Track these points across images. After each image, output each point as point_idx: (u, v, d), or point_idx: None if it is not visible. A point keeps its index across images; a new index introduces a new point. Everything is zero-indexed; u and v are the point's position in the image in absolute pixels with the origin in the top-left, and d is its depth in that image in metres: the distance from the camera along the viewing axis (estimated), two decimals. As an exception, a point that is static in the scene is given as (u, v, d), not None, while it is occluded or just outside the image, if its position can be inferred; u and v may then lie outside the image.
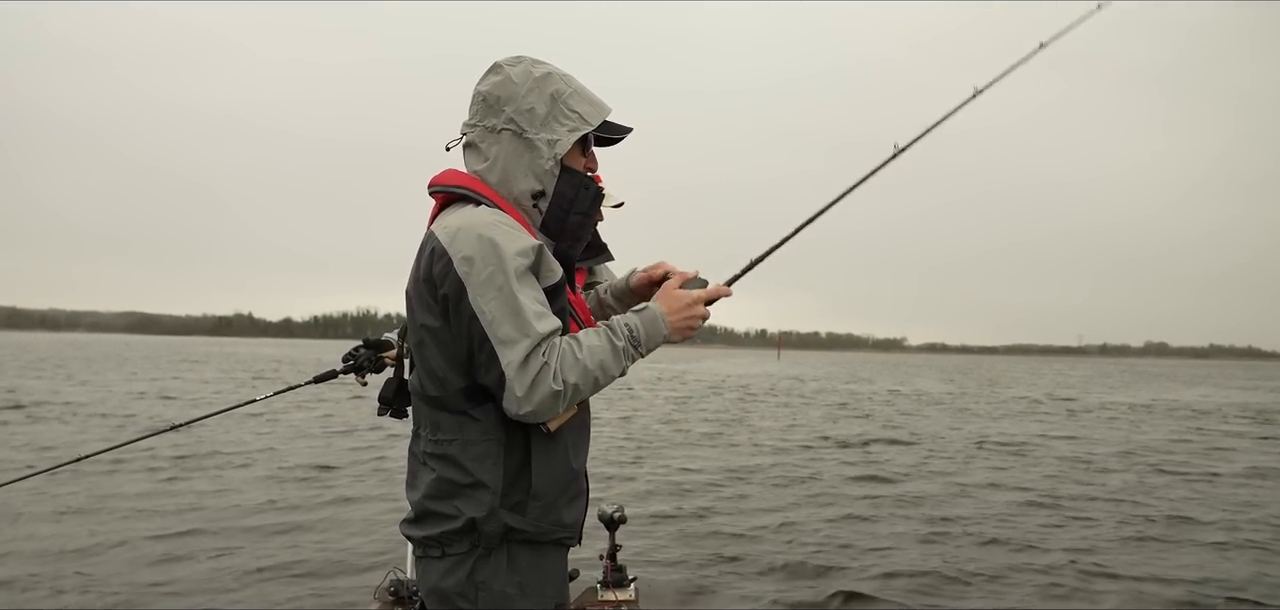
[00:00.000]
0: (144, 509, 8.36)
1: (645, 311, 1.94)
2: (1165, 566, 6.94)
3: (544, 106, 1.93)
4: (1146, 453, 14.62)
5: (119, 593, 5.83)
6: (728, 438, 15.89)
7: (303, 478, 10.40)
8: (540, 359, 1.76)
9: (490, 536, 1.86)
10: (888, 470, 12.01)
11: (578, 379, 1.80)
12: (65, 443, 13.22)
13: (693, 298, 1.99)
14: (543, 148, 1.92)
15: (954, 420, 20.58)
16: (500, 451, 1.87)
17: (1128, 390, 39.65)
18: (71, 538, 7.17)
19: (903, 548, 7.44)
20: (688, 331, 1.97)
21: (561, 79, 1.97)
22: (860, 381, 43.60)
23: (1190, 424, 20.92)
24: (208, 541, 7.16)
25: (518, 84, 1.93)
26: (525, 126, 1.92)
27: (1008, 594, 6.17)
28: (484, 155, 1.95)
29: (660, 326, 1.93)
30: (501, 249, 1.79)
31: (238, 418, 16.62)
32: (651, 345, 1.93)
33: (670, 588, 6.17)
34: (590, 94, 2.00)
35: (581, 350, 1.82)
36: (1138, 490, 10.62)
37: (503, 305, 1.77)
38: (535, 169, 1.93)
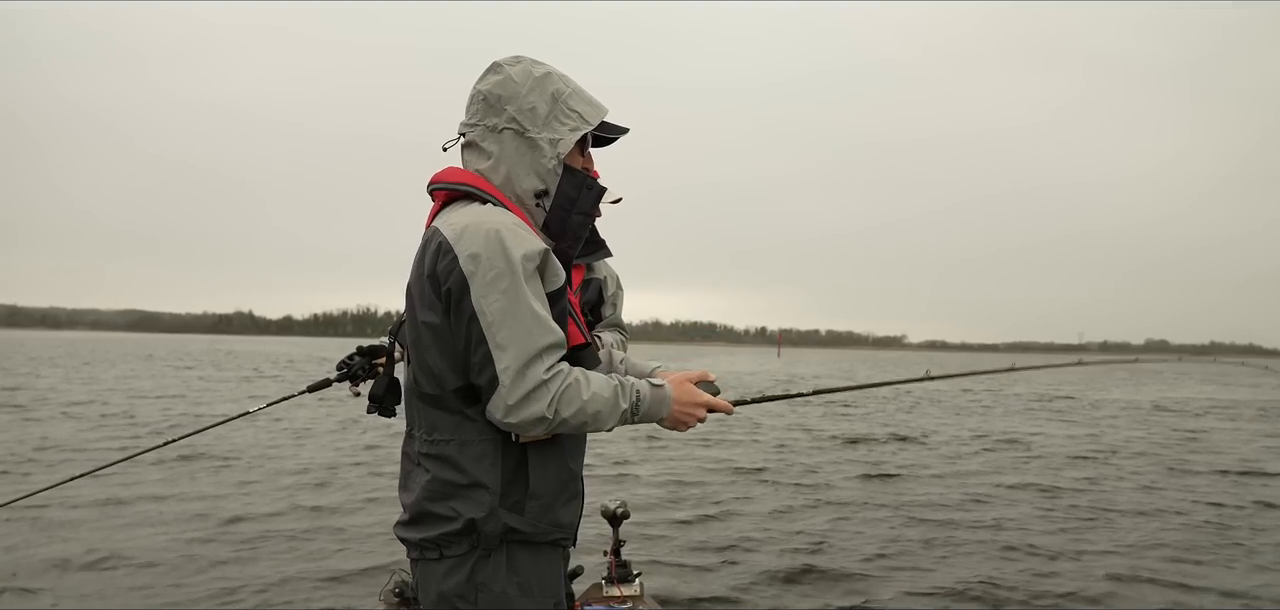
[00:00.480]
0: (139, 514, 8.36)
1: (660, 390, 1.96)
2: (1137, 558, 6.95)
3: (545, 106, 1.92)
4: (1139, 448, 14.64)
5: (113, 599, 5.84)
6: (733, 436, 15.89)
7: (304, 480, 10.40)
8: (540, 374, 1.76)
9: (490, 537, 1.85)
10: (889, 467, 12.01)
11: (571, 415, 1.80)
12: (73, 444, 13.22)
13: (701, 398, 2.03)
14: (545, 147, 1.92)
15: (952, 418, 20.57)
16: (498, 452, 1.86)
17: (1125, 388, 39.65)
18: (67, 546, 7.17)
19: (903, 544, 7.45)
20: (684, 425, 2.02)
21: (560, 79, 1.97)
22: (859, 379, 43.55)
23: (1180, 422, 20.92)
24: (207, 547, 7.16)
25: (519, 83, 1.92)
26: (527, 125, 1.91)
27: (1013, 597, 6.17)
28: (486, 154, 1.94)
29: (663, 409, 1.96)
30: (510, 250, 1.77)
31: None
32: (647, 420, 1.96)
33: (674, 584, 6.18)
34: (588, 94, 2.01)
35: (586, 392, 1.82)
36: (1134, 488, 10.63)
37: (505, 308, 1.75)
38: (538, 168, 1.92)
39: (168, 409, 19.14)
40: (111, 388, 25.15)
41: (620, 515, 4.11)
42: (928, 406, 23.99)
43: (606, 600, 4.06)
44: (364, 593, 5.84)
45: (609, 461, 12.11)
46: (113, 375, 32.06)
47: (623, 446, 13.73)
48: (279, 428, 15.17)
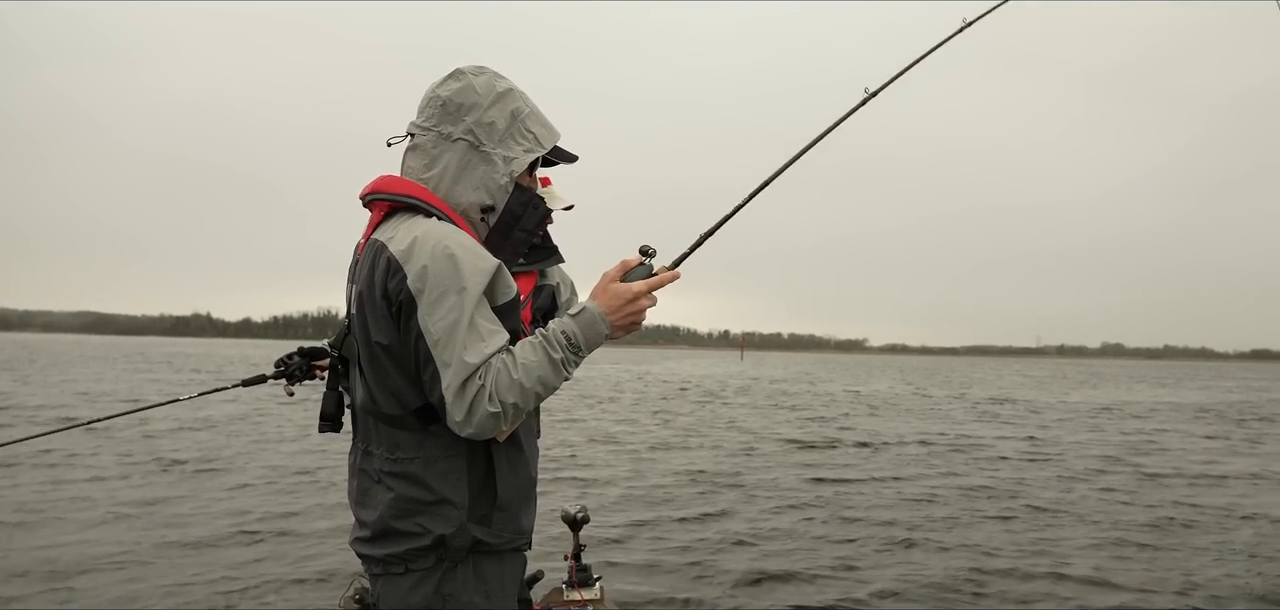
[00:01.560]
0: (70, 515, 8.22)
1: (582, 314, 1.84)
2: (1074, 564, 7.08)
3: (504, 122, 1.91)
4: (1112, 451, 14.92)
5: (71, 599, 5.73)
6: (693, 440, 15.94)
7: (263, 483, 10.28)
8: (477, 382, 1.72)
9: (458, 551, 1.84)
10: (844, 472, 12.13)
11: (516, 398, 1.74)
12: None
13: (634, 291, 1.87)
14: (499, 163, 1.90)
15: (913, 422, 20.81)
16: (464, 466, 1.84)
17: (1084, 391, 40.33)
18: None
19: (863, 547, 7.53)
20: (631, 326, 1.88)
21: (521, 97, 1.95)
22: (820, 382, 43.92)
23: (1139, 423, 21.35)
24: (160, 552, 7.05)
25: (480, 95, 1.90)
26: (483, 140, 1.89)
27: (982, 599, 6.26)
28: (434, 161, 1.90)
29: (600, 327, 1.84)
30: (460, 266, 1.75)
31: (190, 423, 16.40)
32: (592, 347, 1.84)
33: (635, 587, 6.19)
34: (544, 117, 1.99)
35: (517, 368, 1.75)
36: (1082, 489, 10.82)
37: (450, 326, 1.73)
38: (488, 183, 1.90)
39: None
40: (59, 387, 24.65)
41: (581, 519, 4.10)
42: (887, 409, 24.24)
43: (566, 604, 4.06)
44: (320, 598, 5.78)
45: (569, 465, 12.10)
46: (60, 377, 31.43)
47: (583, 450, 13.73)
48: (230, 430, 14.98)
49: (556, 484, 10.30)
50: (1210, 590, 6.35)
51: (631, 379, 41.80)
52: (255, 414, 18.10)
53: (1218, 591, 6.33)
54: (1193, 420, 22.69)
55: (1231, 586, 6.45)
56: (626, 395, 28.67)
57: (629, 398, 27.33)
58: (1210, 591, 6.33)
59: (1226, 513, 9.33)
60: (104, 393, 24.39)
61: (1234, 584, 6.52)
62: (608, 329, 1.84)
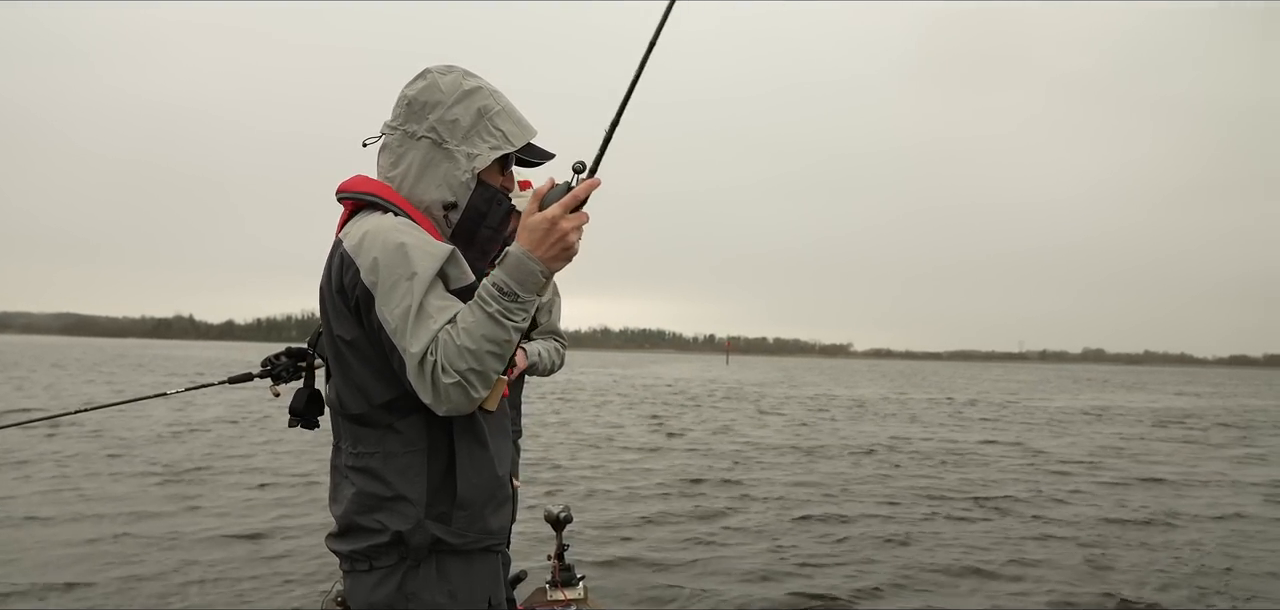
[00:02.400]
0: (60, 513, 8.18)
1: (506, 258, 1.76)
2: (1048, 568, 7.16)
3: (469, 119, 1.91)
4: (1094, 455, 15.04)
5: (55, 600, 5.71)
6: (679, 442, 15.98)
7: (246, 483, 10.25)
8: (430, 360, 1.70)
9: (418, 549, 1.83)
10: (830, 477, 12.19)
11: (469, 363, 1.70)
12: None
13: (551, 217, 1.74)
14: (461, 160, 1.90)
15: (900, 427, 20.91)
16: (423, 462, 1.84)
17: (1067, 395, 40.62)
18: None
19: (853, 547, 7.57)
20: (564, 255, 1.76)
21: (490, 95, 1.95)
22: (806, 386, 44.04)
23: (1119, 428, 21.54)
24: (147, 551, 7.03)
25: (445, 93, 1.91)
26: (446, 137, 1.89)
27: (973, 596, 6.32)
28: (398, 160, 1.93)
29: (527, 264, 1.73)
30: (409, 254, 1.76)
31: (178, 424, 16.31)
32: (529, 288, 1.74)
33: (618, 586, 6.22)
34: (518, 115, 1.98)
35: (459, 334, 1.71)
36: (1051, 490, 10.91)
37: (404, 312, 1.73)
38: (450, 180, 1.90)
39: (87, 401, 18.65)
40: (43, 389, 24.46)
41: (563, 519, 4.13)
42: (868, 416, 24.33)
43: (550, 604, 4.09)
44: (303, 596, 5.78)
45: (549, 465, 12.12)
46: (42, 380, 31.17)
47: (560, 453, 13.74)
48: (216, 432, 14.91)
49: (538, 486, 10.31)
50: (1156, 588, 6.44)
51: (615, 383, 41.78)
52: (245, 417, 18.02)
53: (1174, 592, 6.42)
54: (1154, 426, 22.88)
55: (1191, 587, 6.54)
56: (612, 399, 28.67)
57: (616, 402, 27.33)
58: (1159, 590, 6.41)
59: (1172, 515, 9.44)
60: (88, 397, 24.17)
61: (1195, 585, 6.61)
62: (537, 265, 1.73)
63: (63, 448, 12.55)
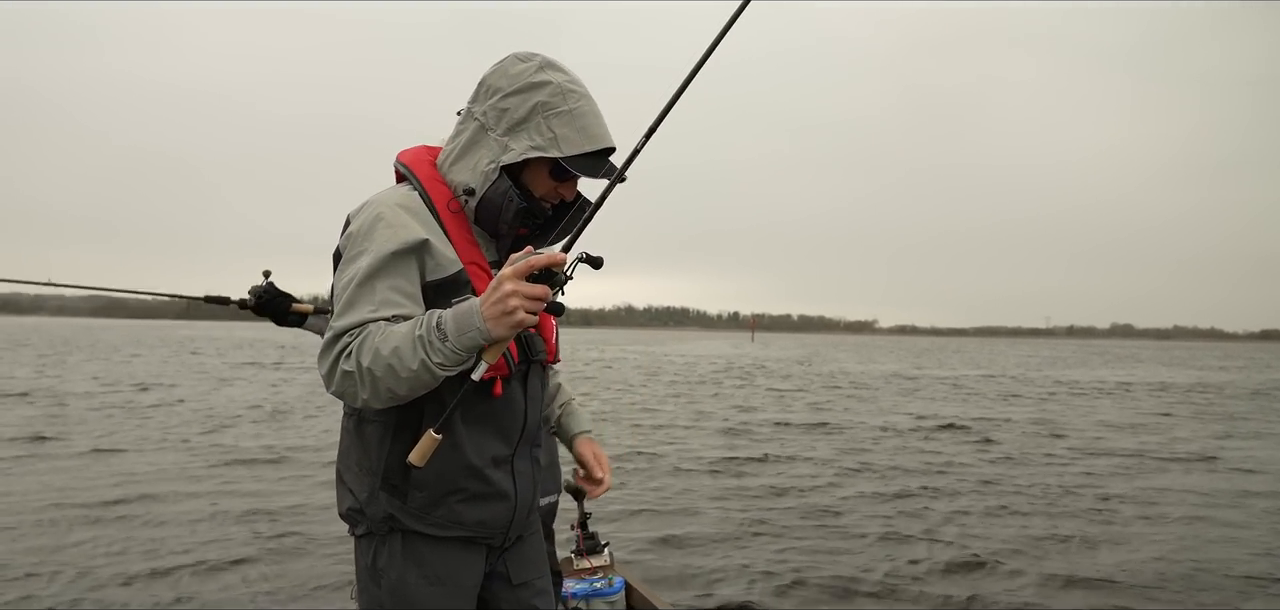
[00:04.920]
0: (85, 491, 8.32)
1: (463, 302, 1.66)
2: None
3: (522, 112, 1.82)
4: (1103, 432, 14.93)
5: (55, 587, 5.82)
6: (705, 420, 16.01)
7: (283, 458, 10.37)
8: (344, 342, 1.68)
9: (374, 520, 1.85)
10: (860, 458, 12.17)
11: (369, 363, 1.63)
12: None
13: (502, 274, 1.60)
14: (494, 149, 1.83)
15: (922, 406, 20.82)
16: (387, 435, 1.83)
17: (1096, 370, 40.25)
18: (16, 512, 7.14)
19: (868, 521, 7.59)
20: (504, 319, 1.59)
21: (560, 93, 1.83)
22: (829, 362, 43.92)
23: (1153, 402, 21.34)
24: (183, 528, 7.15)
25: (508, 80, 1.85)
26: (492, 123, 1.84)
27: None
28: (456, 135, 1.91)
29: (471, 318, 1.61)
30: (378, 232, 1.75)
31: (208, 394, 16.45)
32: (464, 341, 1.61)
33: (644, 555, 6.27)
34: (585, 123, 1.84)
35: (381, 335, 1.65)
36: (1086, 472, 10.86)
37: (345, 286, 1.73)
38: (477, 166, 1.84)
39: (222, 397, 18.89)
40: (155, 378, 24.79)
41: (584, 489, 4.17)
42: (885, 391, 24.21)
43: (577, 573, 4.15)
44: (338, 580, 5.86)
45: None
46: (138, 366, 31.60)
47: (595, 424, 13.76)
48: (255, 403, 15.08)
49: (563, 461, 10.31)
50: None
51: (643, 360, 41.87)
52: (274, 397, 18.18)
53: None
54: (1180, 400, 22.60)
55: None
56: (637, 375, 28.74)
57: (639, 378, 27.40)
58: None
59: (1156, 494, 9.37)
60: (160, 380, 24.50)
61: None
62: (480, 323, 1.60)
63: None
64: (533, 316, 1.60)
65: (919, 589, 5.71)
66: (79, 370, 26.06)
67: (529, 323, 1.60)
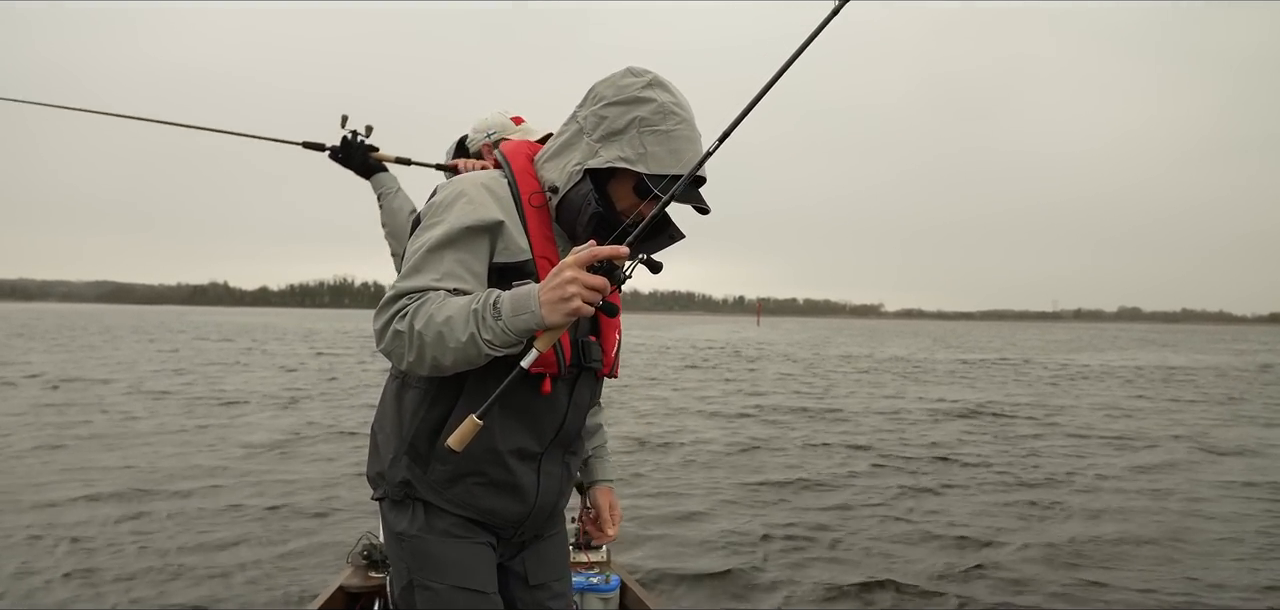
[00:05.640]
0: (96, 462, 8.33)
1: (522, 286, 1.66)
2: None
3: (620, 123, 1.82)
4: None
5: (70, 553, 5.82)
6: (708, 407, 15.98)
7: (282, 439, 10.39)
8: (402, 303, 1.70)
9: (392, 485, 1.89)
10: (858, 440, 12.16)
11: (421, 327, 1.63)
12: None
13: (565, 262, 1.60)
14: (585, 153, 1.84)
15: (922, 388, 20.77)
16: (424, 404, 1.86)
17: (1106, 353, 40.16)
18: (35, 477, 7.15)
19: (862, 514, 7.56)
20: (560, 305, 1.58)
21: (661, 112, 1.82)
22: (836, 346, 43.88)
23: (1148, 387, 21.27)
24: (170, 501, 7.16)
25: (615, 92, 1.85)
26: (589, 128, 1.85)
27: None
28: (559, 133, 1.93)
29: (528, 301, 1.60)
30: (457, 205, 1.79)
31: (210, 370, 16.49)
32: (518, 322, 1.60)
33: (642, 551, 6.25)
34: (678, 146, 1.81)
35: (438, 303, 1.66)
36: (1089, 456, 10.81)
37: (418, 248, 1.76)
38: (566, 166, 1.86)
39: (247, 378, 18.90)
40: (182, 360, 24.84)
41: (585, 482, 4.15)
42: (889, 378, 24.18)
43: (574, 566, 4.12)
44: (332, 553, 5.86)
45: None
46: (155, 351, 31.68)
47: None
48: (263, 379, 15.10)
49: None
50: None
51: (646, 345, 41.86)
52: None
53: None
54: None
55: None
56: (639, 359, 28.74)
57: (641, 362, 27.40)
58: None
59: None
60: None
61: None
62: (536, 307, 1.59)
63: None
64: (589, 307, 1.59)
65: (919, 586, 5.68)
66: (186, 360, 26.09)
67: (586, 312, 1.59)
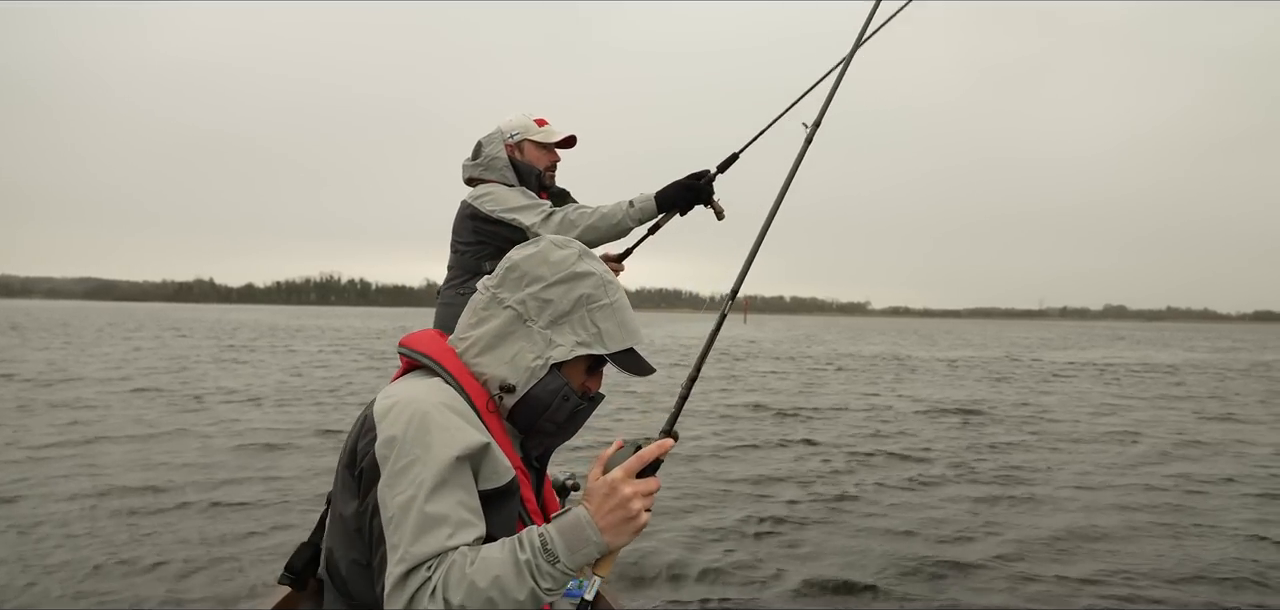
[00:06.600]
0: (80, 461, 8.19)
1: (566, 516, 1.54)
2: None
3: (566, 305, 1.72)
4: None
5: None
6: (693, 408, 15.88)
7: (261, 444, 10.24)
8: (422, 575, 1.45)
9: None
10: (817, 433, 12.10)
11: (462, 599, 1.43)
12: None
13: (613, 480, 1.54)
14: (540, 344, 1.70)
15: (908, 385, 20.77)
16: None
17: (1086, 351, 40.37)
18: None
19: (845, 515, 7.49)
20: (627, 526, 1.53)
21: (602, 286, 1.75)
22: (823, 345, 43.96)
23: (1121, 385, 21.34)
24: (128, 498, 7.02)
25: (550, 269, 1.73)
26: (533, 315, 1.71)
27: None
28: (479, 322, 1.74)
29: (585, 531, 1.51)
30: (432, 436, 1.53)
31: (190, 376, 16.31)
32: (577, 559, 1.50)
33: (626, 556, 6.14)
34: (626, 317, 1.78)
35: (474, 564, 1.46)
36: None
37: (408, 504, 1.48)
38: (519, 361, 1.69)
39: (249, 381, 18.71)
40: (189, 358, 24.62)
41: (569, 486, 4.04)
42: (876, 374, 24.20)
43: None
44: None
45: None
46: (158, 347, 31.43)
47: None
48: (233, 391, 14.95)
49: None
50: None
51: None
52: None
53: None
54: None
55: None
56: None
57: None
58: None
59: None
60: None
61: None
62: (596, 536, 1.51)
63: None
64: (649, 514, 1.55)
65: (896, 587, 5.59)
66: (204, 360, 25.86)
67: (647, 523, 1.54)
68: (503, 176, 3.51)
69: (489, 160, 3.53)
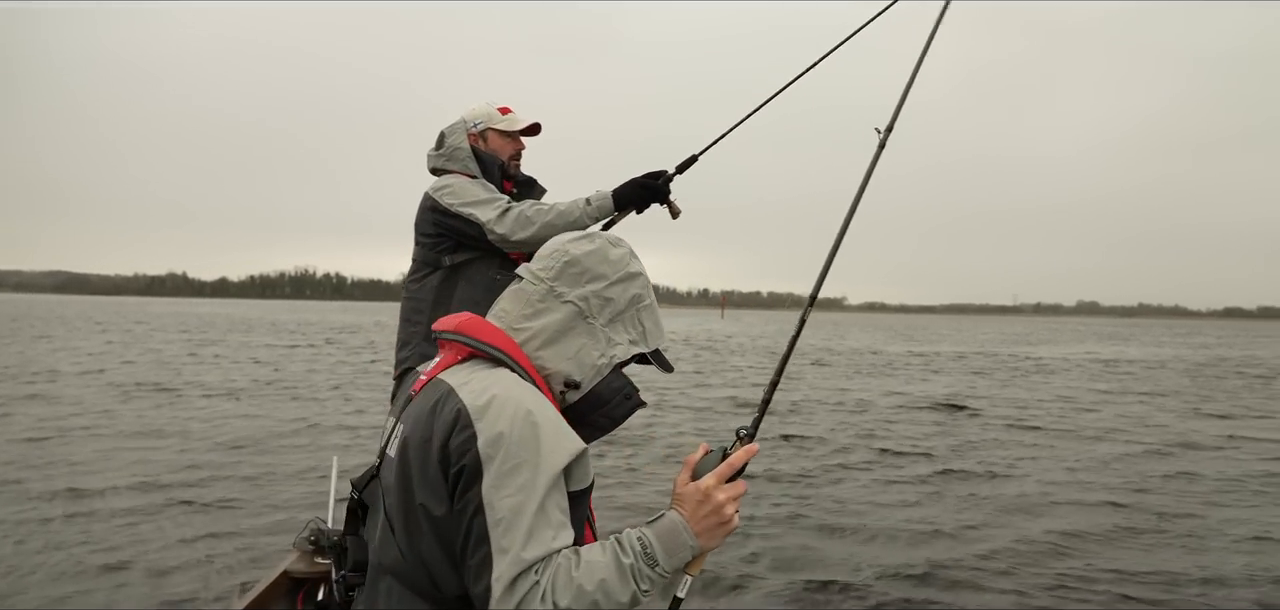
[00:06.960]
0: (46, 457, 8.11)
1: (660, 521, 1.58)
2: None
3: (623, 303, 1.75)
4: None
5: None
6: (676, 397, 15.94)
7: (237, 438, 10.17)
8: (532, 579, 1.44)
9: None
10: (800, 433, 12.15)
11: (570, 601, 1.44)
12: None
13: (704, 488, 1.60)
14: (603, 343, 1.72)
15: (887, 383, 20.88)
16: None
17: (1057, 346, 40.73)
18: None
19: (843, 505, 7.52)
20: (720, 529, 1.59)
21: (648, 287, 1.82)
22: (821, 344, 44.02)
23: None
24: (127, 495, 6.96)
25: (611, 267, 1.75)
26: (595, 312, 1.72)
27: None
28: (535, 314, 1.72)
29: (682, 536, 1.56)
30: (542, 440, 1.51)
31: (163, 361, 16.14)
32: (675, 562, 1.55)
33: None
34: (658, 318, 1.84)
35: (579, 568, 1.47)
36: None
37: (517, 507, 1.47)
38: (583, 358, 1.70)
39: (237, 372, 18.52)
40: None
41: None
42: (863, 376, 24.31)
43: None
44: (279, 537, 5.71)
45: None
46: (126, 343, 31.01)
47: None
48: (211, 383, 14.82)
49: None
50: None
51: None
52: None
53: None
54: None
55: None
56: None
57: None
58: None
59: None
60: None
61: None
62: (691, 539, 1.56)
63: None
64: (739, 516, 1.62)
65: (873, 585, 5.63)
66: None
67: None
68: (465, 167, 3.38)
69: (451, 151, 3.41)
